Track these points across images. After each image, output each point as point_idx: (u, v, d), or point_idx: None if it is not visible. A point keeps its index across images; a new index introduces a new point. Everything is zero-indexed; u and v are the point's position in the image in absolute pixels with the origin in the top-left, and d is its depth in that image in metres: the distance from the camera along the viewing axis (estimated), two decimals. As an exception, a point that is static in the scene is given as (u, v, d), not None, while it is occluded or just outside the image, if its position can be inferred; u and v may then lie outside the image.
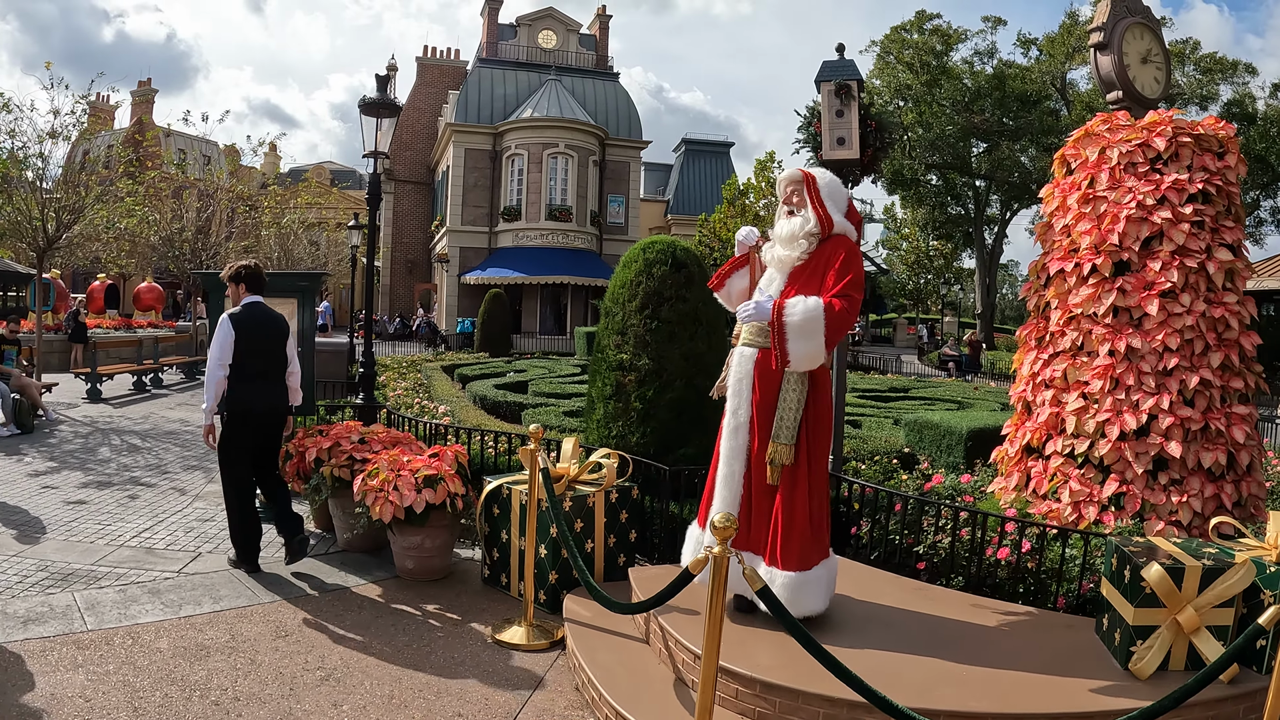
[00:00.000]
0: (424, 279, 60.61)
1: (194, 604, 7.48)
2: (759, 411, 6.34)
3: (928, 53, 53.80)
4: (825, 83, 9.25)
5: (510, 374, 22.55)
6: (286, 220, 37.84)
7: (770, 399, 6.29)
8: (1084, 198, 8.21)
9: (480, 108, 53.26)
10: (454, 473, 8.32)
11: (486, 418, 14.23)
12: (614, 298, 9.39)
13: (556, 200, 51.09)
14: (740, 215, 50.34)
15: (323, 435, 9.47)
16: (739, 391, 6.48)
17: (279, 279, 11.06)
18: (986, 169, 53.96)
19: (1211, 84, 50.66)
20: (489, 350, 35.79)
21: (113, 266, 33.53)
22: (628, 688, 5.81)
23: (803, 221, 6.39)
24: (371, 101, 12.00)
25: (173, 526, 9.79)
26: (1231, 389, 7.77)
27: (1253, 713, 5.35)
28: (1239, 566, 5.58)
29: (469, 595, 8.07)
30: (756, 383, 6.37)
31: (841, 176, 9.44)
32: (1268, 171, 48.20)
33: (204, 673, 6.18)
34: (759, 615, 6.06)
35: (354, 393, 13.38)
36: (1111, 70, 8.71)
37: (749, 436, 6.39)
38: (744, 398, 6.43)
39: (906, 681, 5.39)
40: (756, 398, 6.36)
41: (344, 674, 6.27)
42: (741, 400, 6.44)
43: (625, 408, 9.04)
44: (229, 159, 40.60)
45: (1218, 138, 8.07)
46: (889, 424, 14.53)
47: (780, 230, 6.51)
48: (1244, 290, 8.05)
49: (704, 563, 4.33)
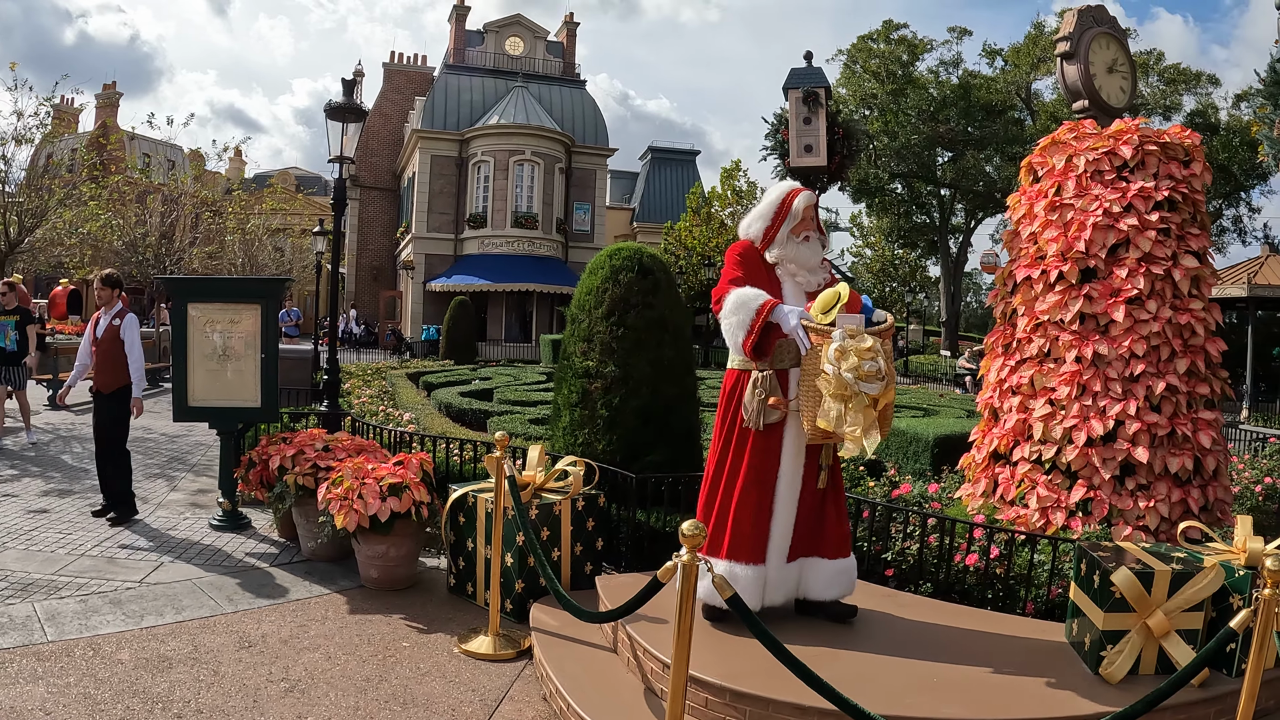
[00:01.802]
0: (389, 286, 60.39)
1: (156, 614, 7.39)
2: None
3: (894, 62, 54.05)
4: (793, 90, 9.25)
5: (475, 381, 22.55)
6: (251, 226, 37.65)
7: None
8: (1051, 205, 8.25)
9: (447, 114, 53.13)
10: (419, 480, 8.26)
11: (452, 425, 14.19)
12: (580, 305, 9.35)
13: (522, 207, 50.98)
14: (705, 223, 50.44)
15: (286, 443, 9.42)
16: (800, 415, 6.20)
17: (240, 284, 11.01)
18: (951, 178, 54.26)
19: (1175, 94, 51.08)
20: (454, 358, 35.72)
21: (76, 272, 33.28)
22: (596, 698, 5.76)
23: (820, 246, 6.42)
24: (337, 106, 11.96)
25: (134, 535, 9.67)
26: (1198, 395, 7.82)
27: (1224, 716, 5.36)
28: (1208, 571, 5.60)
29: (435, 605, 8.00)
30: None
31: (809, 183, 9.46)
32: (1230, 181, 48.59)
33: (166, 685, 6.09)
34: (734, 623, 6.02)
35: (318, 400, 13.31)
36: (1078, 79, 8.76)
37: (805, 457, 6.32)
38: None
39: (877, 688, 5.36)
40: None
41: (308, 685, 6.20)
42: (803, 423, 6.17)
43: (591, 415, 8.99)
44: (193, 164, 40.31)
45: (1183, 146, 8.13)
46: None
47: (813, 257, 6.41)
48: (1209, 297, 8.09)
49: (673, 570, 4.29)
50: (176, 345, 10.08)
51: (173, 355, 10.09)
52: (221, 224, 37.32)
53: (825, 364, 5.63)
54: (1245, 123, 44.90)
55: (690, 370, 9.58)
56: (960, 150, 53.61)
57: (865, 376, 5.57)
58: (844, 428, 5.64)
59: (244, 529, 10.14)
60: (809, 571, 6.39)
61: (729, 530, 6.23)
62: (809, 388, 5.85)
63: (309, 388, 17.51)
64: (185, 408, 10.10)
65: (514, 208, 50.76)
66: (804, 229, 6.37)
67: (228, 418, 10.19)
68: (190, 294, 10.15)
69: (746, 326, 5.98)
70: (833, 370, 5.57)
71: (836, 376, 5.56)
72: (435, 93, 54.17)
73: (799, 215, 6.36)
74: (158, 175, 36.79)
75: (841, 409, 5.63)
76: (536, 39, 58.98)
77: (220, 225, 37.33)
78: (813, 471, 6.29)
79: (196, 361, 10.01)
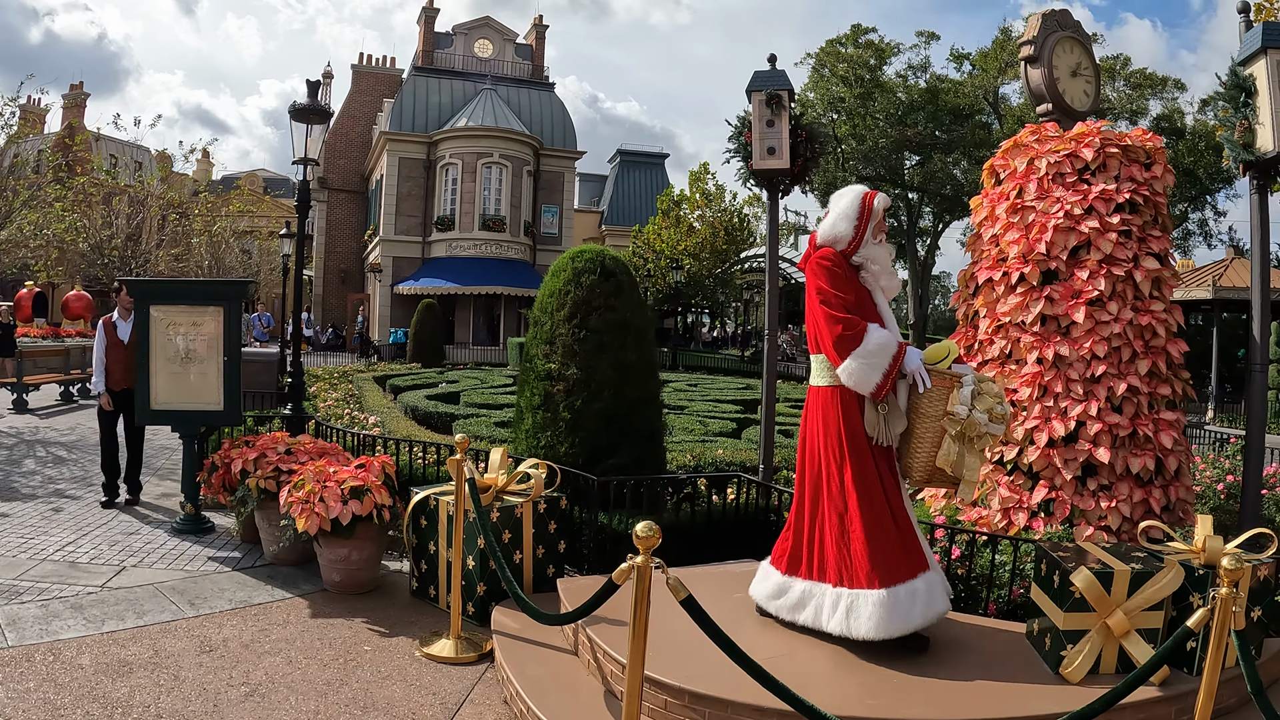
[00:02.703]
0: (357, 289, 60.17)
1: (117, 619, 7.34)
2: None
3: (862, 66, 54.13)
4: (756, 92, 9.28)
5: (443, 385, 22.54)
6: (218, 228, 37.51)
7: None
8: (1012, 208, 8.28)
9: (415, 116, 52.99)
10: (381, 483, 8.24)
11: (417, 429, 14.16)
12: (542, 307, 9.35)
13: (490, 210, 50.89)
14: (674, 226, 50.47)
15: (249, 446, 9.38)
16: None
17: (203, 286, 10.96)
18: (919, 181, 54.39)
19: (1141, 99, 51.35)
20: (421, 361, 35.65)
21: (41, 274, 33.08)
22: (556, 700, 5.75)
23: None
24: (301, 108, 11.92)
25: (97, 540, 9.61)
26: (1159, 395, 7.86)
27: (1184, 714, 5.39)
28: (1167, 570, 5.64)
29: (397, 608, 7.98)
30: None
31: (771, 186, 9.47)
32: (1196, 185, 48.94)
33: (126, 689, 6.05)
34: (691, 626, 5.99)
35: (284, 404, 13.26)
36: (1041, 83, 8.80)
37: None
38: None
39: (837, 689, 5.38)
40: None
41: (269, 690, 6.17)
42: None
43: (554, 418, 8.99)
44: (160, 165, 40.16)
45: (1145, 149, 8.17)
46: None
47: (885, 259, 6.32)
48: (1171, 299, 8.13)
49: (628, 572, 4.28)
50: (139, 348, 10.02)
51: (136, 358, 10.01)
52: (188, 226, 37.18)
53: (956, 406, 5.69)
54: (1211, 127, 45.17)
55: (653, 372, 9.59)
56: (928, 154, 53.77)
57: (996, 419, 5.70)
58: (963, 470, 5.73)
59: (207, 533, 10.07)
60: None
61: (911, 544, 6.03)
62: (925, 430, 5.88)
63: (275, 391, 17.41)
64: (148, 411, 10.06)
65: (482, 210, 50.68)
66: (880, 230, 6.30)
67: (190, 421, 10.15)
68: (152, 296, 10.11)
69: (884, 371, 5.87)
70: (965, 412, 5.64)
71: (969, 419, 5.63)
72: (404, 95, 54.02)
73: (879, 215, 6.29)
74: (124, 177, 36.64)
75: (962, 451, 5.70)
76: (505, 41, 58.90)
77: (187, 227, 37.20)
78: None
79: (159, 364, 9.96)
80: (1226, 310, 35.03)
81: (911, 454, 5.97)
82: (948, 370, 5.86)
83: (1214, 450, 15.36)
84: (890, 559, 5.89)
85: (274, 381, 19.13)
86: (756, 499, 9.15)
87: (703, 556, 8.50)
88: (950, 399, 5.76)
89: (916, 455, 5.93)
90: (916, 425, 5.94)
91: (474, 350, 48.04)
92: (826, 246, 6.32)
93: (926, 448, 5.87)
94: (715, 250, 52.15)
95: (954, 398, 5.73)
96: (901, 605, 5.85)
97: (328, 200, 60.17)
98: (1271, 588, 6.11)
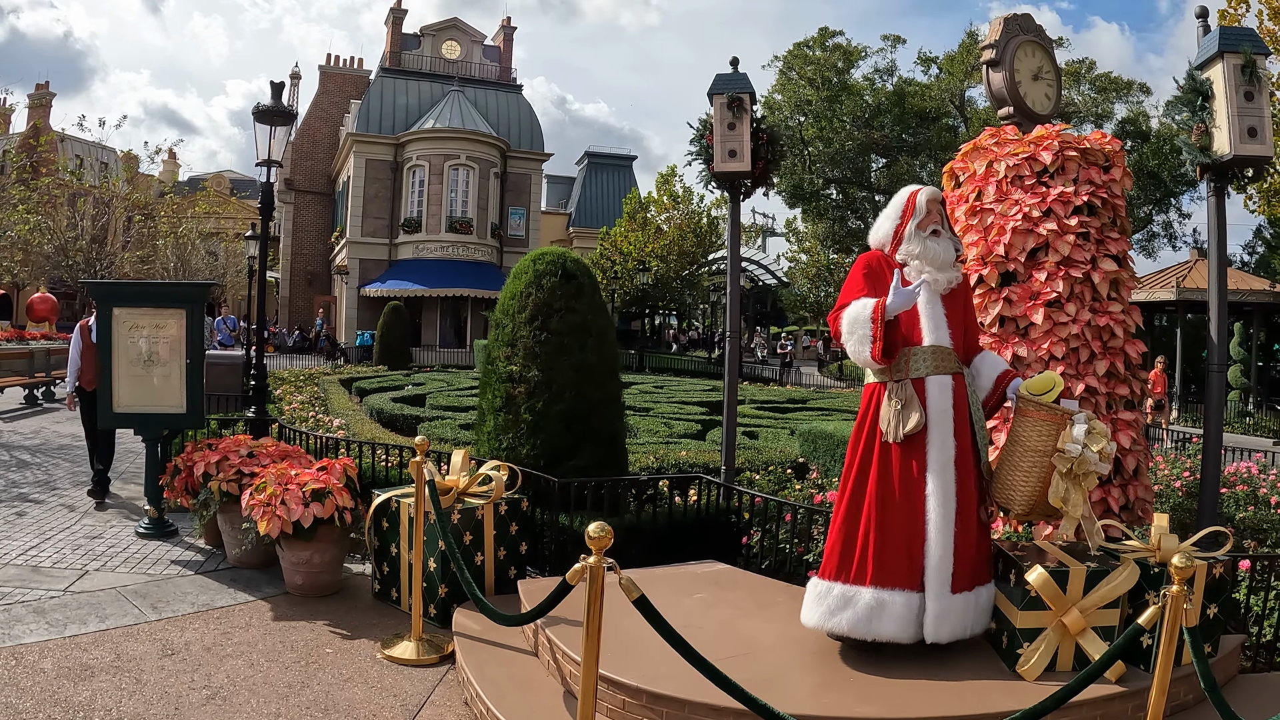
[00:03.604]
0: (324, 291, 59.99)
1: (79, 623, 7.31)
2: (963, 444, 5.98)
3: (829, 69, 54.34)
4: (718, 95, 9.31)
5: (408, 387, 22.52)
6: (183, 230, 37.35)
7: (966, 431, 6.01)
8: (971, 210, 8.33)
9: (382, 118, 52.90)
10: (342, 486, 8.24)
11: (382, 431, 14.13)
12: (504, 309, 9.37)
13: (457, 212, 50.85)
14: (641, 228, 50.53)
15: (211, 449, 9.34)
16: (943, 425, 5.93)
17: (166, 289, 10.92)
18: (885, 184, 54.55)
19: (1106, 102, 51.73)
20: (388, 363, 35.52)
21: (5, 275, 32.87)
22: (516, 701, 5.77)
23: (953, 245, 6.24)
24: (265, 109, 11.88)
25: (60, 544, 9.57)
26: (1117, 396, 7.92)
27: (1141, 711, 5.41)
28: (1123, 568, 5.70)
29: (359, 611, 7.98)
30: (958, 414, 5.99)
31: (733, 189, 9.51)
32: (1160, 187, 49.28)
33: (88, 693, 6.04)
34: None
35: (249, 407, 13.22)
36: (1003, 86, 8.85)
37: (955, 472, 5.91)
38: (949, 430, 5.94)
39: (794, 688, 5.43)
40: (958, 430, 5.97)
41: (230, 693, 6.17)
42: (948, 434, 5.93)
43: (515, 419, 9.01)
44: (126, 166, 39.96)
45: (1104, 152, 8.23)
46: (785, 435, 14.64)
47: (943, 254, 6.16)
48: (1130, 300, 8.20)
49: (582, 572, 4.31)
50: (102, 351, 9.97)
51: (99, 361, 9.97)
52: (154, 228, 37.01)
53: (1068, 444, 5.67)
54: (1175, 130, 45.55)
55: (614, 374, 9.62)
56: (894, 156, 54.05)
57: (1105, 457, 5.69)
58: (1068, 507, 5.73)
59: (170, 536, 10.04)
60: (978, 602, 6.00)
61: (872, 554, 5.89)
62: (1029, 463, 5.86)
63: (240, 394, 17.35)
64: (110, 414, 9.99)
65: (449, 212, 50.65)
66: (930, 222, 6.20)
67: (153, 424, 10.09)
68: (115, 299, 10.03)
69: (869, 338, 5.80)
70: (1078, 450, 5.63)
71: (1082, 456, 5.63)
72: (371, 96, 53.93)
73: (924, 209, 6.22)
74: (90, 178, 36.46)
75: (1069, 488, 5.73)
76: (473, 43, 58.91)
77: (153, 229, 37.03)
78: (971, 493, 5.98)
79: (122, 367, 9.90)
80: (1190, 311, 35.34)
81: (1013, 486, 5.91)
82: (1056, 405, 5.82)
83: (1176, 450, 15.51)
84: (844, 557, 5.96)
85: (239, 384, 19.06)
86: (719, 500, 9.18)
87: (665, 557, 8.52)
88: (1062, 436, 5.73)
89: (1019, 489, 5.89)
90: (1019, 457, 5.89)
91: (441, 353, 47.98)
92: (874, 249, 6.39)
93: (1032, 481, 5.83)
94: (682, 252, 52.32)
95: (1066, 435, 5.70)
96: (827, 602, 5.91)
97: (294, 202, 60.03)
98: (1227, 585, 6.18)
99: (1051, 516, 6.02)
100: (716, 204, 54.15)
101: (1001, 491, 6.01)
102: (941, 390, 5.94)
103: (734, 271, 10.07)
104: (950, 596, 5.80)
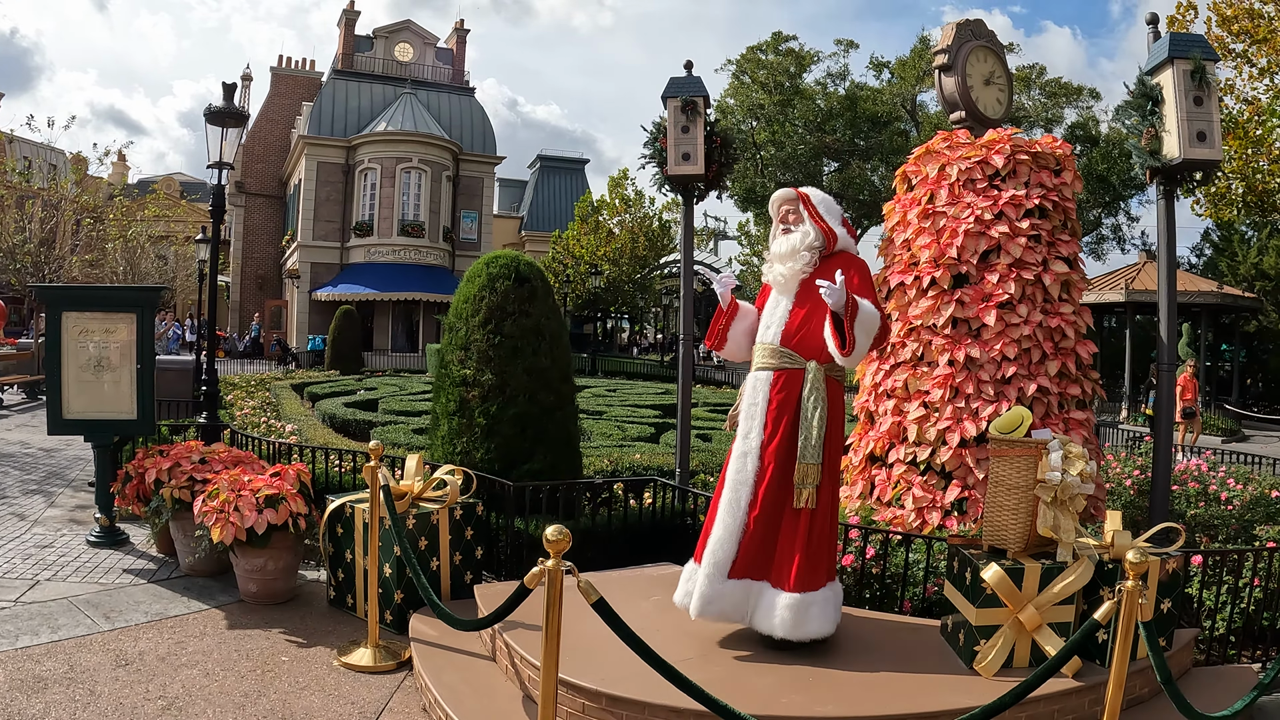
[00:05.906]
0: (275, 295, 59.59)
1: (31, 634, 7.21)
2: (773, 436, 6.13)
3: (782, 73, 54.64)
4: (672, 99, 9.34)
5: (361, 392, 22.44)
6: (133, 233, 37.04)
7: (784, 423, 6.11)
8: (924, 213, 8.41)
9: (334, 120, 52.62)
10: (296, 491, 8.18)
11: (335, 436, 14.08)
12: (457, 313, 9.35)
13: (409, 216, 50.67)
14: (594, 232, 50.53)
15: (163, 456, 9.24)
16: (751, 416, 6.25)
17: (116, 293, 10.81)
18: (837, 188, 54.87)
19: (1056, 107, 52.36)
20: (340, 368, 35.33)
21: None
22: (474, 706, 5.77)
23: (802, 236, 6.33)
24: (217, 110, 11.81)
25: (10, 554, 9.44)
26: (1069, 395, 8.03)
27: (1098, 704, 5.51)
28: (1077, 565, 5.79)
29: (315, 618, 7.92)
30: (772, 407, 6.17)
31: (686, 192, 9.54)
32: (1109, 191, 49.89)
33: (41, 706, 5.96)
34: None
35: (201, 412, 13.12)
36: (955, 91, 8.94)
37: (758, 462, 6.15)
38: (756, 422, 6.21)
39: (752, 689, 5.43)
40: (770, 422, 6.16)
41: (186, 703, 6.11)
42: (754, 425, 6.22)
43: (469, 424, 8.98)
44: (75, 168, 39.53)
45: (1054, 155, 8.34)
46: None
47: (779, 248, 6.42)
48: (1080, 302, 8.30)
49: (539, 576, 4.30)
50: (50, 356, 9.85)
51: (47, 366, 9.85)
52: (103, 231, 36.67)
53: (1047, 474, 5.79)
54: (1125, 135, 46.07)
55: (567, 377, 9.60)
56: (846, 160, 54.44)
57: (1086, 478, 5.80)
58: (1060, 534, 5.82)
59: (122, 545, 9.94)
60: (755, 598, 6.15)
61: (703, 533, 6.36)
62: (1015, 501, 5.97)
63: (190, 400, 17.22)
64: (60, 420, 9.85)
65: (401, 216, 50.47)
66: (781, 222, 6.53)
67: (103, 430, 9.97)
68: (64, 303, 9.90)
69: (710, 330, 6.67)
70: (1058, 477, 5.73)
71: (1064, 482, 5.73)
72: (323, 99, 53.63)
73: (774, 212, 6.59)
74: (38, 180, 36.05)
75: (1058, 515, 5.80)
76: (426, 45, 58.66)
77: (102, 232, 36.68)
78: (779, 485, 6.11)
79: (71, 373, 9.78)
80: (1139, 312, 35.75)
81: (1005, 527, 6.02)
82: (1028, 439, 5.94)
83: (1127, 449, 15.66)
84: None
85: (189, 390, 18.92)
86: (673, 502, 9.20)
87: (621, 561, 8.55)
88: (1040, 467, 5.86)
89: (1011, 528, 5.99)
90: (1004, 497, 6.03)
91: (393, 357, 47.81)
92: None
93: (1022, 517, 5.95)
94: (635, 256, 52.36)
95: (1044, 465, 5.84)
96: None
97: (245, 205, 59.55)
98: (1180, 580, 6.26)
99: (1043, 545, 6.09)
100: (668, 207, 54.16)
101: (995, 534, 6.11)
102: (755, 385, 6.31)
103: (687, 274, 10.10)
104: (724, 581, 6.09)
